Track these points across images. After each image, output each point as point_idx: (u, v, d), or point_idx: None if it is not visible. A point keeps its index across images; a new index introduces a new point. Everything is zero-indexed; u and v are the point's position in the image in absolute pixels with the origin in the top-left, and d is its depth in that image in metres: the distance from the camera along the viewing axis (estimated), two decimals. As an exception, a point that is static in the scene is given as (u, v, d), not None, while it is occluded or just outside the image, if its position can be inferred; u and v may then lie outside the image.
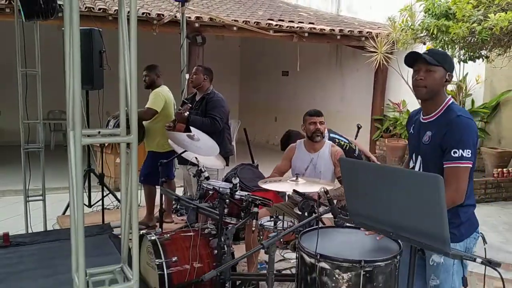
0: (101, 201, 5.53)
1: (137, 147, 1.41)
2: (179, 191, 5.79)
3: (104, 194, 5.90)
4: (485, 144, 7.89)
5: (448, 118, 2.21)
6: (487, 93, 8.03)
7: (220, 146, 4.27)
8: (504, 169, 7.22)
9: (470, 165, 2.14)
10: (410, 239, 1.57)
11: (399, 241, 2.06)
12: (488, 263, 1.53)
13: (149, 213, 5.22)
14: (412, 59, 2.28)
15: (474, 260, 1.57)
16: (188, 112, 4.24)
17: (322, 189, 2.36)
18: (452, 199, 2.11)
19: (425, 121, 2.32)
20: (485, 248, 1.88)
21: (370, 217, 1.71)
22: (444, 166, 2.15)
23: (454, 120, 2.17)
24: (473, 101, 8.00)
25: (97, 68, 5.10)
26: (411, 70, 2.34)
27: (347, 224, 2.32)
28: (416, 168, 2.33)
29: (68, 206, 5.79)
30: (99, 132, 1.45)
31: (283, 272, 3.77)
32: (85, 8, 6.69)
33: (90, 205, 5.73)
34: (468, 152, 2.12)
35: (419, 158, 2.32)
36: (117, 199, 5.97)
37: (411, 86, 2.38)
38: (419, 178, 1.56)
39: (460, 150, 2.11)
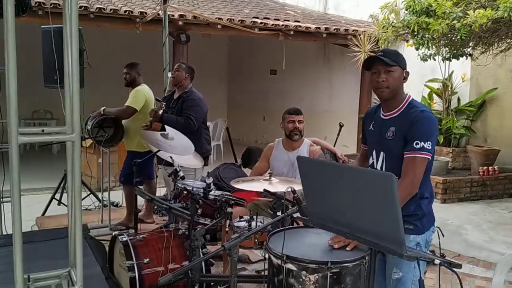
0: (83, 202, 5.46)
1: (79, 146, 1.34)
2: (162, 191, 5.72)
3: (86, 194, 5.85)
4: (471, 142, 7.89)
5: (412, 113, 2.26)
6: (472, 91, 8.02)
7: (196, 145, 4.17)
8: (490, 167, 7.21)
9: (428, 157, 2.19)
10: (366, 240, 1.52)
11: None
12: (448, 264, 1.48)
13: (129, 213, 5.13)
14: (370, 62, 2.32)
15: (433, 262, 1.51)
16: (162, 111, 4.17)
17: (290, 189, 2.31)
18: (408, 189, 2.17)
19: (387, 118, 2.36)
20: (439, 242, 1.87)
21: (327, 218, 1.66)
22: (404, 156, 2.20)
23: (419, 115, 2.23)
24: (459, 99, 7.99)
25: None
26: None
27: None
28: (378, 164, 2.35)
29: (47, 207, 5.71)
30: (42, 131, 1.38)
31: (262, 272, 3.72)
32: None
33: (70, 206, 5.64)
34: (429, 144, 2.17)
35: (382, 153, 2.34)
36: (98, 199, 5.89)
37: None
38: (372, 177, 1.50)
39: (422, 142, 2.16)
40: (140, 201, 4.83)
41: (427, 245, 2.31)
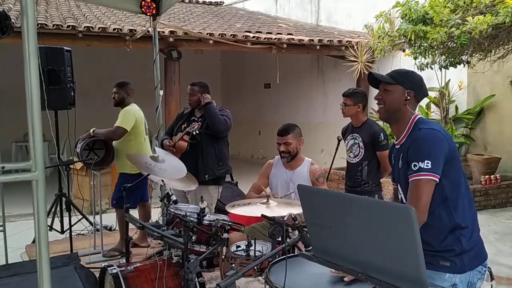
0: (75, 226, 5.27)
1: (44, 185, 1.16)
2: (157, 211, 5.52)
3: (78, 219, 5.64)
4: (471, 151, 7.74)
5: (412, 135, 2.06)
6: (470, 98, 7.90)
7: (223, 163, 4.37)
8: (492, 176, 7.05)
9: (432, 177, 1.90)
10: (381, 282, 1.33)
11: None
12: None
13: (122, 238, 4.92)
14: (373, 81, 2.17)
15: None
16: (197, 132, 4.04)
17: (291, 215, 2.13)
18: None
19: (398, 146, 2.15)
20: (491, 286, 1.62)
21: (336, 255, 1.47)
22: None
23: (414, 135, 2.03)
24: (456, 108, 7.87)
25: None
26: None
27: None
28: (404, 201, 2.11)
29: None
30: (3, 168, 1.20)
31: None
32: (54, 26, 6.44)
33: (62, 231, 5.43)
34: (428, 163, 1.89)
35: (401, 188, 2.12)
36: (90, 223, 5.68)
37: None
38: (388, 210, 1.31)
39: (419, 163, 1.91)
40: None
41: (470, 287, 2.01)
